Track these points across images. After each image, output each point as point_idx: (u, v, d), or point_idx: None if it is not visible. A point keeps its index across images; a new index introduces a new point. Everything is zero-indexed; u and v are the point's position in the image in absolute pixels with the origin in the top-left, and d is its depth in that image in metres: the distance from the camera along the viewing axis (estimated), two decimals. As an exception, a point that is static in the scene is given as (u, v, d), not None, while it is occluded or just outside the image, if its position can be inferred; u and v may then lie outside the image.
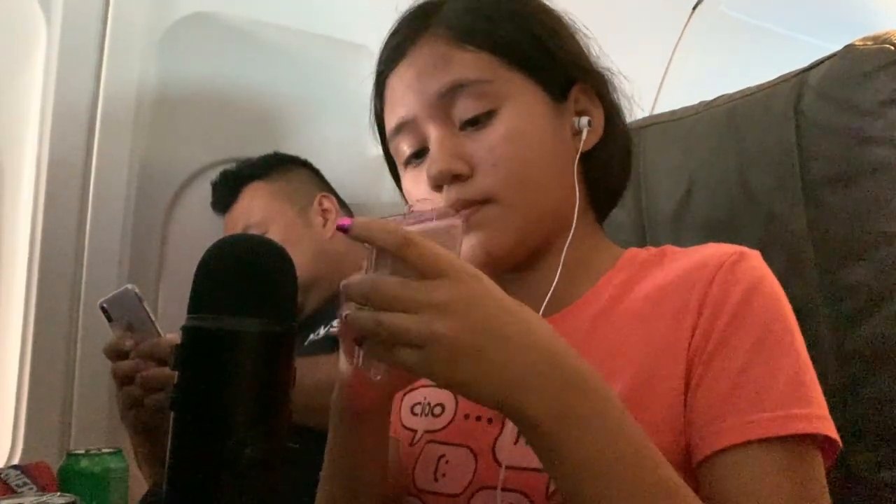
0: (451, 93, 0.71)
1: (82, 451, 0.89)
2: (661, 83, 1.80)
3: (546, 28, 0.76)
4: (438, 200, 0.71)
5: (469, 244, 0.70)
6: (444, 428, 0.76)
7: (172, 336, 1.04)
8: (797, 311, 0.64)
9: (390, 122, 0.76)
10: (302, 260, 1.31)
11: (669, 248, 0.76)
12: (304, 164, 1.54)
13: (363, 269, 0.55)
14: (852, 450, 0.80)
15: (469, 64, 0.72)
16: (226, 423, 0.53)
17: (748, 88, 0.97)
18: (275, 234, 1.40)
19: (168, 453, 0.54)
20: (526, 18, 0.75)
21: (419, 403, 0.80)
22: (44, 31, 1.30)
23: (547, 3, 0.79)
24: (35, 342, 1.35)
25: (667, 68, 1.75)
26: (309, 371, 1.08)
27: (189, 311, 0.56)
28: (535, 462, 0.60)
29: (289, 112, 1.59)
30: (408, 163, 0.77)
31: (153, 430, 1.07)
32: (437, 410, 0.77)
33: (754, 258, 0.69)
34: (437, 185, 0.72)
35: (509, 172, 0.70)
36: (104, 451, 0.89)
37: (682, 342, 0.66)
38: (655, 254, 0.76)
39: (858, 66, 0.83)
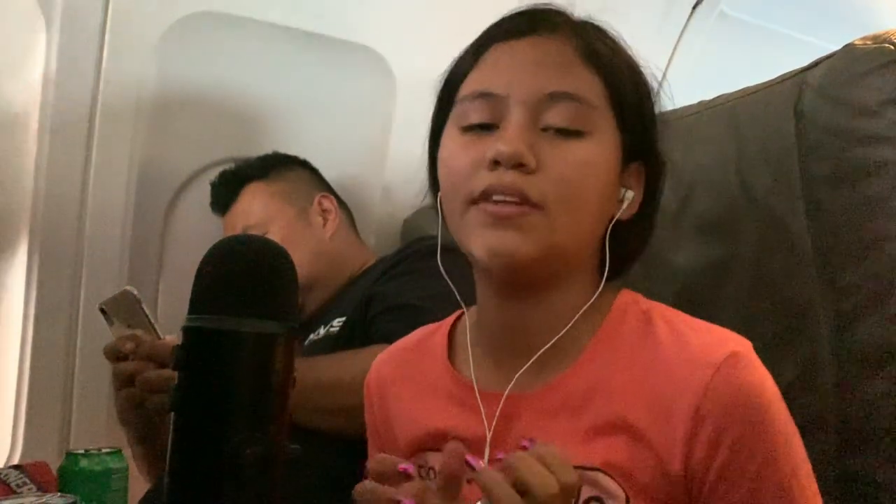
0: (559, 98, 0.72)
1: (82, 451, 0.89)
2: (661, 83, 1.80)
3: (644, 90, 0.79)
4: None
5: (498, 238, 0.70)
6: None
7: (172, 337, 1.04)
8: (797, 311, 0.64)
9: (475, 86, 0.76)
10: (302, 260, 1.30)
11: (657, 311, 0.75)
12: (304, 164, 1.54)
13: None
14: (851, 450, 0.81)
15: (587, 82, 0.74)
16: (226, 423, 0.53)
17: (748, 88, 0.97)
18: (274, 235, 1.40)
19: (168, 454, 0.54)
20: (634, 71, 0.79)
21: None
22: (44, 31, 1.30)
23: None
24: (35, 342, 1.35)
25: (667, 68, 1.75)
26: (309, 371, 1.08)
27: (189, 312, 0.56)
28: None
29: (288, 112, 1.59)
30: (469, 129, 0.75)
31: (153, 431, 1.07)
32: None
33: (746, 358, 0.68)
34: (496, 162, 0.71)
35: (568, 192, 0.71)
36: (104, 450, 0.89)
37: (676, 446, 0.67)
38: (641, 322, 0.75)
39: (858, 65, 0.83)
